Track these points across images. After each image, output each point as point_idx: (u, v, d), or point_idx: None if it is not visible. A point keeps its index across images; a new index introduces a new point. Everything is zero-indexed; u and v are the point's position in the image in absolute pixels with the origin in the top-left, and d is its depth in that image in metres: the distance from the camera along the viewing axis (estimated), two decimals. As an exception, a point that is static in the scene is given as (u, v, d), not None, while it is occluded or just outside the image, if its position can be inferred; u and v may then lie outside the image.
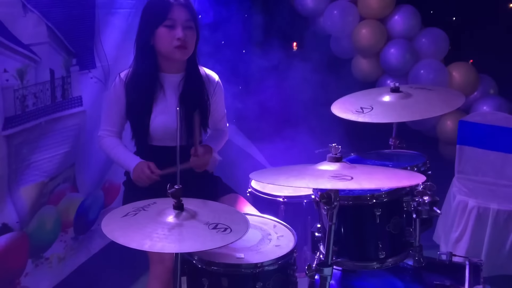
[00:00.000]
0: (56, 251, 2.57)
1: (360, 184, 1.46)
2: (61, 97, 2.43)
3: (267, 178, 1.66)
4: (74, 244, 2.72)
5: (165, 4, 2.15)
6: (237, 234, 1.51)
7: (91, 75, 2.64)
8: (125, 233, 1.50)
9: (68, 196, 2.61)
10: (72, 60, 2.48)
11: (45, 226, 2.47)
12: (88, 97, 2.61)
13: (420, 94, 2.16)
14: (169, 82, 2.25)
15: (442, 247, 3.13)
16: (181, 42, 2.15)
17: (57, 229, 2.56)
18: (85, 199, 2.75)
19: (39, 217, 2.40)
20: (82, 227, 2.77)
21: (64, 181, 2.55)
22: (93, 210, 2.85)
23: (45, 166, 2.38)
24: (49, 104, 2.35)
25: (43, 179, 2.37)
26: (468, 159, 3.24)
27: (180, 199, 1.57)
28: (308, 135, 3.53)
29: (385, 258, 1.77)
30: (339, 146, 1.65)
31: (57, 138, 2.44)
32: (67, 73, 2.45)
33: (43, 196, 2.41)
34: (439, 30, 3.92)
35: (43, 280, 2.49)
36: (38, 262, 2.45)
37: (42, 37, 2.25)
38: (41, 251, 2.48)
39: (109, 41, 2.74)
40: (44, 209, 2.43)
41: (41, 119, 2.31)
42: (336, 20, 4.05)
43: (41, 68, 2.26)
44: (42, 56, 2.25)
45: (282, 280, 1.68)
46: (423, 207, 1.80)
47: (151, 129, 2.22)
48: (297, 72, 3.96)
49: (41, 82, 2.28)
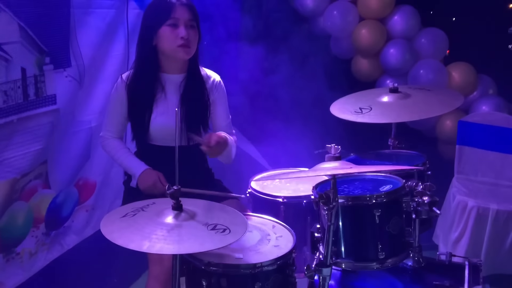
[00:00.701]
0: (27, 246, 2.60)
1: (359, 169, 1.45)
2: (34, 95, 2.46)
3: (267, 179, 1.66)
4: (46, 239, 2.75)
5: (168, 4, 2.17)
6: (236, 235, 1.51)
7: (66, 74, 2.66)
8: (124, 234, 1.50)
9: (40, 192, 2.65)
10: (45, 59, 2.50)
11: (16, 222, 2.51)
12: (63, 96, 2.64)
13: (419, 94, 2.17)
14: (170, 83, 2.26)
15: (441, 248, 3.13)
16: (184, 41, 2.16)
17: (28, 225, 2.60)
18: (57, 195, 2.78)
19: (10, 212, 2.44)
20: (54, 223, 2.80)
21: (36, 178, 2.58)
22: (66, 206, 2.87)
23: (17, 163, 2.41)
24: (21, 102, 2.38)
25: (15, 175, 2.41)
26: (468, 159, 3.24)
27: (179, 200, 1.57)
28: (307, 136, 3.53)
29: (385, 258, 1.77)
30: (338, 146, 1.65)
31: (30, 136, 2.47)
32: (40, 71, 2.48)
33: (15, 192, 2.45)
34: (439, 30, 3.92)
35: (14, 274, 2.53)
36: (9, 257, 2.50)
37: (13, 36, 2.28)
38: (12, 246, 2.52)
39: (85, 40, 2.76)
40: (15, 204, 2.47)
41: (12, 116, 2.34)
42: (336, 20, 4.05)
43: (12, 66, 2.29)
44: (13, 55, 2.28)
45: (281, 280, 1.68)
46: (423, 208, 1.80)
47: (151, 129, 2.22)
48: (297, 72, 3.96)
49: (11, 80, 2.30)
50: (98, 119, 2.87)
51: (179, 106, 2.23)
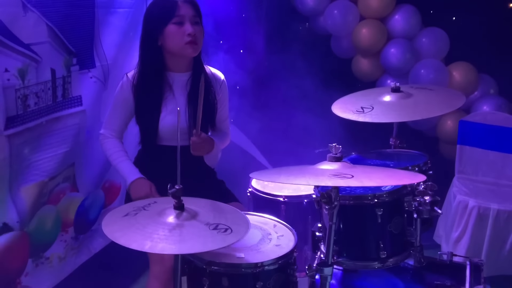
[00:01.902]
0: (57, 251, 2.56)
1: (361, 182, 1.46)
2: (62, 97, 2.43)
3: (267, 177, 1.66)
4: (75, 243, 2.72)
5: (171, 2, 2.14)
6: (238, 235, 1.51)
7: (91, 75, 2.64)
8: (125, 233, 1.49)
9: (68, 196, 2.61)
10: (72, 60, 2.48)
11: (45, 226, 2.46)
12: (88, 97, 2.62)
13: (421, 94, 2.16)
14: (177, 81, 2.24)
15: (442, 247, 3.13)
16: (192, 37, 2.14)
17: (57, 229, 2.56)
18: (85, 198, 2.75)
19: (39, 216, 2.40)
20: (82, 227, 2.77)
21: (64, 181, 2.55)
22: (93, 209, 2.84)
23: (45, 166, 2.38)
24: (50, 104, 2.35)
25: (43, 178, 2.37)
26: (469, 159, 3.24)
27: (180, 199, 1.56)
28: (308, 135, 3.53)
29: (386, 258, 1.77)
30: (339, 146, 1.65)
31: (57, 138, 2.44)
32: (68, 72, 2.46)
33: (43, 196, 2.41)
34: (440, 30, 3.92)
35: (44, 279, 2.49)
36: (38, 262, 2.45)
37: (42, 36, 2.25)
38: (42, 250, 2.47)
39: (108, 40, 2.74)
40: (44, 208, 2.43)
41: (42, 118, 2.31)
42: (337, 19, 4.05)
43: (42, 67, 2.26)
44: (43, 56, 2.25)
45: (282, 279, 1.68)
46: (424, 207, 1.80)
47: (160, 128, 2.20)
48: (297, 72, 3.96)
49: (42, 81, 2.28)
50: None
51: (186, 104, 2.22)
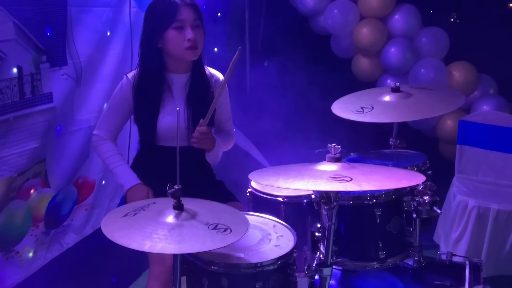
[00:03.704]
0: (27, 245, 2.61)
1: (359, 186, 1.46)
2: (31, 94, 2.46)
3: (266, 178, 1.65)
4: (45, 238, 2.75)
5: (172, 6, 2.12)
6: (237, 235, 1.51)
7: (62, 72, 2.67)
8: (125, 233, 1.49)
9: (39, 191, 2.65)
10: (42, 57, 2.50)
11: (14, 220, 2.51)
12: (59, 94, 2.65)
13: (421, 94, 2.16)
14: (177, 83, 2.24)
15: (442, 247, 3.13)
16: (192, 42, 2.13)
17: (28, 223, 2.61)
18: (57, 194, 2.78)
19: (8, 211, 2.45)
20: (53, 222, 2.80)
21: (34, 176, 2.59)
22: (65, 205, 2.88)
23: (14, 161, 2.42)
24: (17, 100, 2.38)
25: (11, 174, 2.42)
26: (468, 159, 3.23)
27: (180, 199, 1.56)
28: (308, 135, 3.53)
29: (385, 258, 1.77)
30: (338, 146, 1.65)
31: (26, 134, 2.47)
32: (37, 69, 2.48)
33: (12, 191, 2.45)
34: (440, 30, 3.92)
35: (14, 273, 2.53)
36: (8, 256, 2.50)
37: (8, 34, 2.28)
38: (11, 244, 2.53)
39: (82, 38, 2.76)
40: (13, 203, 2.48)
41: (8, 114, 2.34)
42: (337, 19, 4.05)
43: (7, 64, 2.29)
44: (8, 53, 2.28)
45: (282, 280, 1.68)
46: (423, 207, 1.80)
47: (159, 129, 2.20)
48: (297, 71, 3.96)
49: (7, 78, 2.31)
50: (97, 118, 2.85)
51: (185, 105, 2.22)
